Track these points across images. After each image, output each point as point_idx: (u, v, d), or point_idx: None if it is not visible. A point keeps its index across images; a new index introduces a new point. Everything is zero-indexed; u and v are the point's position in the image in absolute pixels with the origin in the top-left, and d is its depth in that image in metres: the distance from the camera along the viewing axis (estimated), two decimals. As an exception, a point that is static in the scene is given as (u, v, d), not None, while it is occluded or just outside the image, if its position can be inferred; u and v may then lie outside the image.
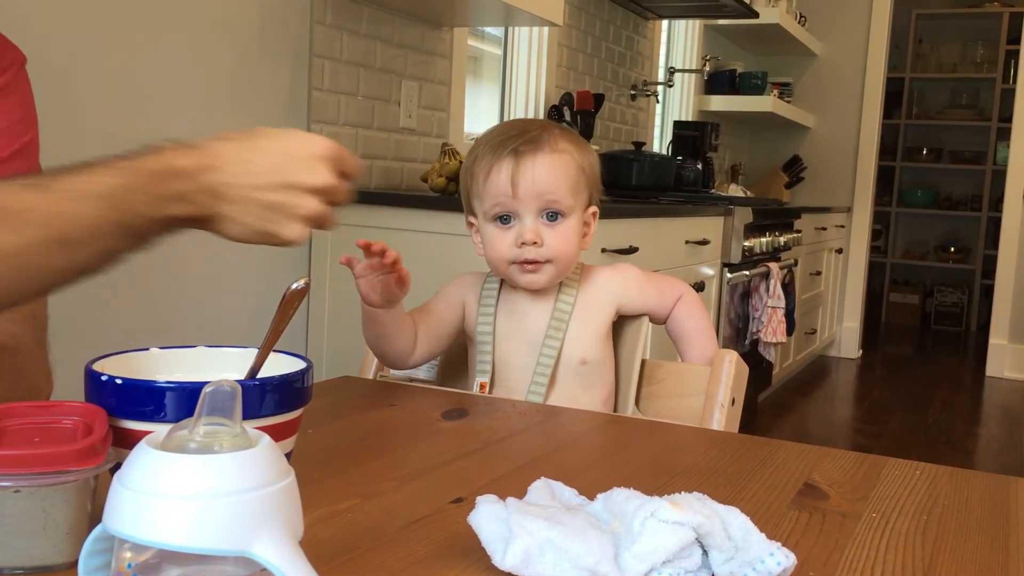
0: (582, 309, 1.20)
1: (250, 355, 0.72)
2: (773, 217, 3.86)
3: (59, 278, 0.73)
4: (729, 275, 3.33)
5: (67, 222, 0.71)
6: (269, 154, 0.78)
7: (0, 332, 0.93)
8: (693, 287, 1.30)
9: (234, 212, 0.76)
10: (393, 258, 1.05)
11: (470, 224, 1.21)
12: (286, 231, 0.78)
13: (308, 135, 0.81)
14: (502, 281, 1.21)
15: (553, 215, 1.15)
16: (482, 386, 1.18)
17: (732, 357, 1.15)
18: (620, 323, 1.25)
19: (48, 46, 1.02)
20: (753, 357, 3.64)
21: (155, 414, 0.62)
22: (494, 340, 1.20)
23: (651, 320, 1.26)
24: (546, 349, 1.18)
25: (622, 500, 0.62)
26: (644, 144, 3.73)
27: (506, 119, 3.43)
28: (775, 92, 5.03)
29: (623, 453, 0.93)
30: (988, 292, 6.12)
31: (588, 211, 1.20)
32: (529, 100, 3.42)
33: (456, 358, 1.27)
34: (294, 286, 0.67)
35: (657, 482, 0.80)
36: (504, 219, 1.16)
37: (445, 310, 1.22)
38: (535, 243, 1.14)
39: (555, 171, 1.14)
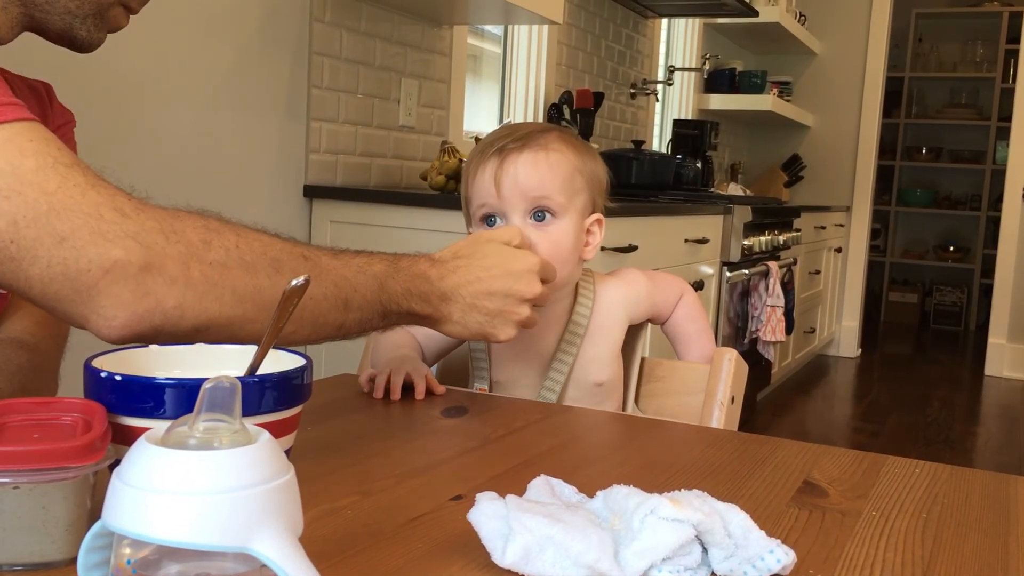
0: (597, 330, 1.15)
1: (249, 352, 0.72)
2: (772, 216, 3.86)
3: (328, 331, 0.83)
4: (728, 274, 3.33)
5: (350, 288, 0.83)
6: (491, 269, 0.95)
7: (22, 331, 0.97)
8: (693, 286, 1.29)
9: (458, 316, 0.93)
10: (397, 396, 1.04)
11: (470, 234, 1.14)
12: (502, 334, 0.96)
13: (521, 252, 0.98)
14: None
15: (541, 215, 1.08)
16: (480, 391, 1.16)
17: (732, 355, 1.15)
18: (620, 321, 1.24)
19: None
20: (752, 356, 3.64)
21: (154, 411, 0.62)
22: (490, 348, 1.16)
23: (651, 322, 1.25)
24: (556, 367, 1.14)
25: (622, 497, 0.62)
26: (644, 143, 3.73)
27: (505, 117, 3.43)
28: (774, 91, 5.03)
29: (623, 451, 0.93)
30: (987, 291, 6.12)
31: (591, 219, 1.14)
32: (529, 98, 3.42)
33: (458, 362, 1.27)
34: (293, 283, 0.67)
35: (657, 480, 0.80)
36: (490, 220, 1.10)
37: (442, 336, 1.20)
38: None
39: (541, 167, 1.08)
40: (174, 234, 0.72)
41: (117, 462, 0.48)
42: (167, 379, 0.64)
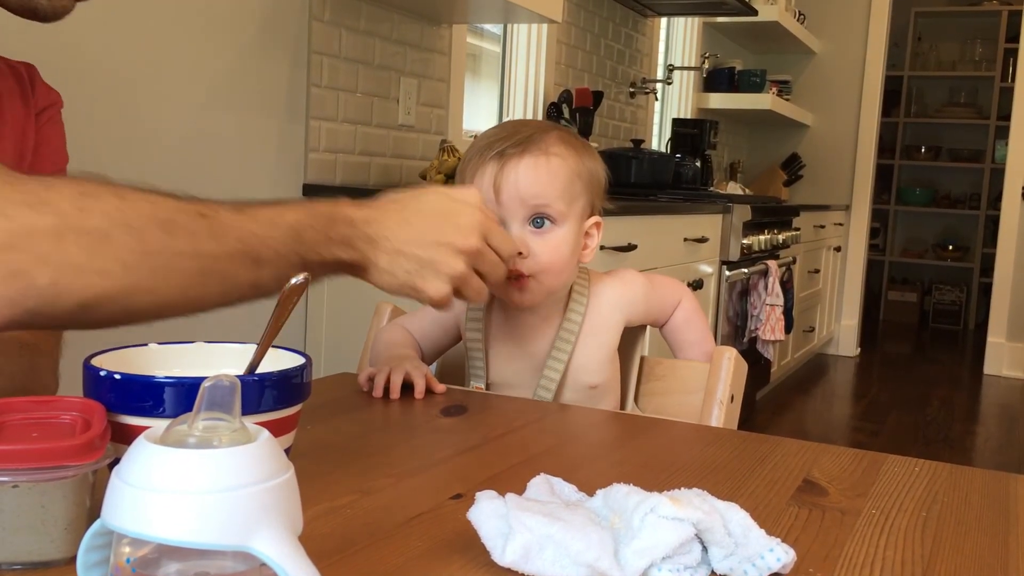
0: (590, 331, 1.14)
1: (249, 351, 0.72)
2: (772, 215, 3.86)
3: (241, 292, 0.77)
4: (728, 273, 3.33)
5: (259, 242, 0.76)
6: (427, 216, 0.87)
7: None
8: (692, 285, 1.29)
9: (385, 263, 0.85)
10: (397, 393, 1.03)
11: None
12: (430, 287, 0.86)
13: (465, 199, 0.89)
14: None
15: (540, 221, 1.07)
16: (477, 390, 1.16)
17: (731, 354, 1.15)
18: (619, 320, 1.23)
19: (45, 43, 1.02)
20: (751, 355, 3.64)
21: (154, 409, 0.62)
22: (487, 349, 1.16)
23: (649, 325, 1.24)
24: (550, 368, 1.13)
25: (622, 496, 0.62)
26: (643, 142, 3.73)
27: (505, 116, 3.43)
28: (774, 90, 5.03)
29: (623, 449, 0.93)
30: (986, 290, 6.12)
31: (590, 222, 1.12)
32: (528, 97, 3.42)
33: (456, 362, 1.27)
34: (293, 281, 0.67)
35: (657, 478, 0.80)
36: None
37: (439, 335, 1.20)
38: (520, 254, 1.04)
39: (541, 174, 1.06)
40: (44, 205, 0.66)
41: (116, 461, 0.48)
42: (166, 378, 0.64)
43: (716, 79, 4.93)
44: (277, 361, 0.71)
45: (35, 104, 1.06)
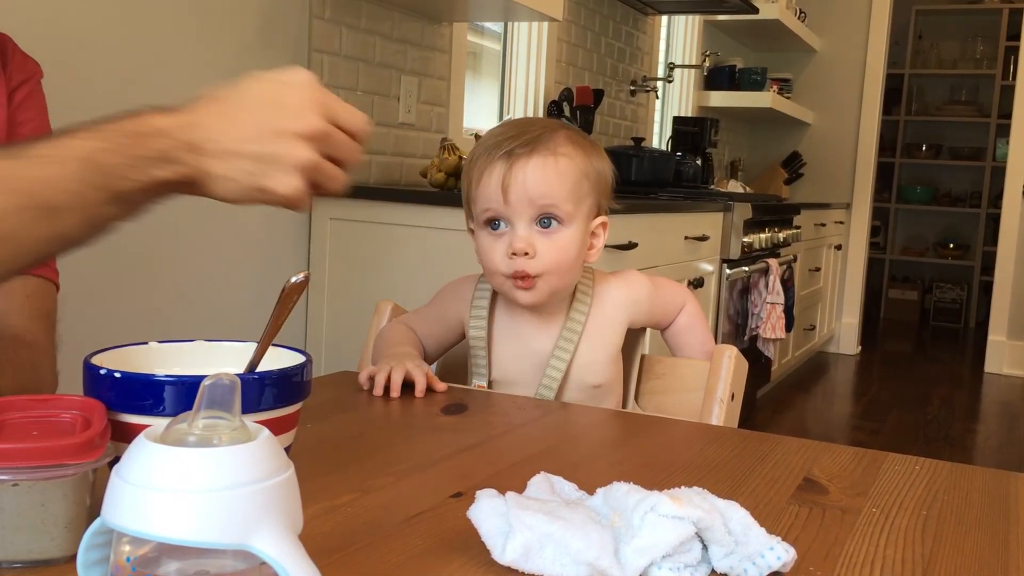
0: (594, 331, 1.14)
1: (249, 349, 0.72)
2: (772, 213, 3.86)
3: (41, 248, 0.68)
4: (728, 271, 3.33)
5: (46, 187, 0.66)
6: (253, 105, 0.72)
7: (19, 327, 0.95)
8: (692, 283, 1.29)
9: (220, 168, 0.70)
10: (397, 392, 1.04)
11: (471, 231, 1.14)
12: (279, 184, 0.71)
13: (294, 80, 0.74)
14: None
15: (547, 221, 1.08)
16: (479, 388, 1.16)
17: (732, 353, 1.15)
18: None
19: (44, 41, 1.02)
20: (752, 353, 3.64)
21: (154, 408, 0.62)
22: (489, 346, 1.16)
23: (652, 327, 1.24)
24: (552, 367, 1.13)
25: (622, 495, 0.62)
26: (643, 140, 3.73)
27: (505, 115, 3.43)
28: (774, 88, 5.03)
29: (623, 448, 0.93)
30: (987, 288, 6.12)
31: (596, 221, 1.13)
32: (528, 96, 3.42)
33: (457, 360, 1.27)
34: (293, 280, 0.67)
35: (657, 477, 0.80)
36: (495, 225, 1.09)
37: (443, 333, 1.20)
38: (526, 254, 1.07)
39: (549, 175, 1.07)
40: None
41: (116, 459, 0.48)
42: (167, 376, 0.64)
43: (717, 77, 4.93)
44: (277, 359, 0.71)
45: (9, 78, 1.02)
